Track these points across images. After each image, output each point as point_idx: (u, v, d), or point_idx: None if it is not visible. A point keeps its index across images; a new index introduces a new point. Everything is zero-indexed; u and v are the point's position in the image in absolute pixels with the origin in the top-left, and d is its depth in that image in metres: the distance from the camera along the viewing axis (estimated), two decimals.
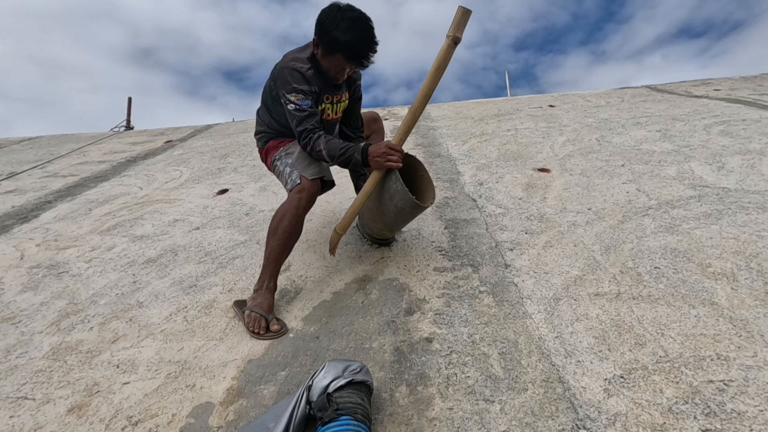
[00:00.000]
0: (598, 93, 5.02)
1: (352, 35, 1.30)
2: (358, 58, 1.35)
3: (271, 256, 1.44)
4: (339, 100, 1.58)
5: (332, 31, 1.31)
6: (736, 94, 4.00)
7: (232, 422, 1.04)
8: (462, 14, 1.21)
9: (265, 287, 1.43)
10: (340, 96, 1.57)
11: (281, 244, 1.44)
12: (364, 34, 1.32)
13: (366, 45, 1.33)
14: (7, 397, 1.17)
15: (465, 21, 1.23)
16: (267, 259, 1.45)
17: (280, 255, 1.45)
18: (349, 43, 1.31)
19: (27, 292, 1.74)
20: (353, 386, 0.98)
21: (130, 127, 6.44)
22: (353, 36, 1.30)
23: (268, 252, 1.45)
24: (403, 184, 1.40)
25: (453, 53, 1.27)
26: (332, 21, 1.31)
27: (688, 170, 2.24)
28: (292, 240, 1.47)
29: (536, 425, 0.94)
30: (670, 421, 0.92)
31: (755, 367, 1.02)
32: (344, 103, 1.62)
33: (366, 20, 1.33)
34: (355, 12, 1.32)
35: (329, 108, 1.57)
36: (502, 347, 1.18)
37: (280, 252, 1.45)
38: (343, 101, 1.60)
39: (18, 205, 2.92)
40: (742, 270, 1.38)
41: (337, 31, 1.30)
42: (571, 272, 1.48)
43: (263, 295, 1.41)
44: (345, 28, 1.29)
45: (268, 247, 1.45)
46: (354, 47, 1.32)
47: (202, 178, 3.13)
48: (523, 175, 2.46)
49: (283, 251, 1.45)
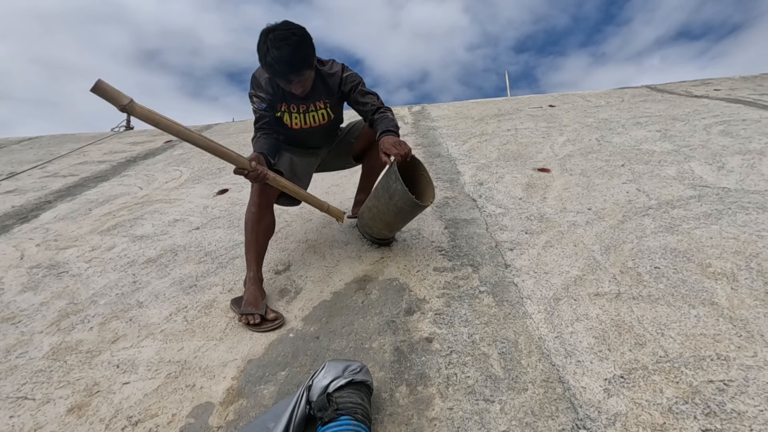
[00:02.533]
0: (598, 93, 5.02)
1: (271, 56, 1.34)
2: (283, 74, 1.39)
3: (245, 247, 1.57)
4: (308, 110, 1.61)
5: (260, 53, 1.38)
6: (736, 94, 4.00)
7: (232, 422, 1.04)
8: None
9: (247, 279, 1.52)
10: (308, 106, 1.60)
11: (247, 231, 1.56)
12: (282, 54, 1.33)
13: (284, 65, 1.35)
14: (7, 397, 1.17)
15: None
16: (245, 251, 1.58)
17: (249, 243, 1.55)
18: (270, 65, 1.37)
19: (27, 292, 1.74)
20: (353, 386, 0.98)
21: (130, 127, 6.44)
22: (272, 57, 1.34)
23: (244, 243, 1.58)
24: (402, 184, 1.41)
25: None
26: (260, 44, 1.37)
27: (688, 170, 2.24)
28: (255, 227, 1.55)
29: (536, 425, 0.94)
30: (670, 421, 0.92)
31: (755, 367, 1.02)
32: (324, 111, 1.63)
33: (286, 38, 1.33)
34: (278, 32, 1.34)
35: (299, 118, 1.61)
36: (502, 347, 1.18)
37: (249, 240, 1.55)
38: (320, 110, 1.62)
39: (18, 205, 2.92)
40: (742, 270, 1.38)
41: (262, 53, 1.37)
42: (571, 272, 1.48)
43: (249, 290, 1.48)
44: (265, 51, 1.35)
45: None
46: (273, 65, 1.36)
47: (202, 178, 3.13)
48: (523, 175, 2.46)
49: (251, 239, 1.55)
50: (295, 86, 1.46)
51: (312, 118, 1.63)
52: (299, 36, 1.36)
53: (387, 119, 1.56)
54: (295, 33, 1.35)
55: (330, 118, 1.67)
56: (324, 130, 1.71)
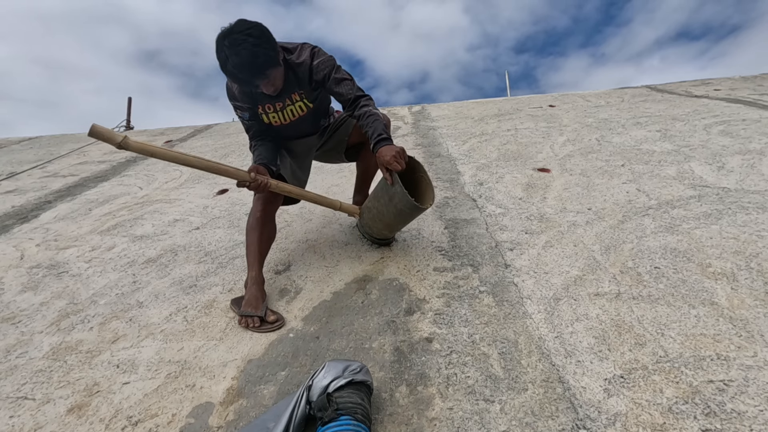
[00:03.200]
0: (598, 93, 5.02)
1: (231, 62, 1.25)
2: (245, 80, 1.31)
3: (246, 249, 1.58)
4: (286, 105, 1.54)
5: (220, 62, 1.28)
6: (736, 94, 4.00)
7: (232, 422, 1.04)
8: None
9: (248, 279, 1.52)
10: (284, 102, 1.52)
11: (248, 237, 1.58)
12: (242, 59, 1.24)
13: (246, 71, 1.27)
14: (7, 397, 1.17)
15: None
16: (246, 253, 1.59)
17: (250, 246, 1.56)
18: (233, 74, 1.28)
19: (27, 292, 1.74)
20: (353, 386, 0.98)
21: (130, 127, 6.44)
22: (233, 65, 1.25)
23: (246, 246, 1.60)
24: (402, 186, 1.41)
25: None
26: (218, 51, 1.28)
27: (688, 170, 2.24)
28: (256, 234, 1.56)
29: (536, 425, 0.94)
30: (670, 421, 0.92)
31: (755, 367, 1.02)
32: (300, 103, 1.55)
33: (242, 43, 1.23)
34: (233, 36, 1.24)
35: (276, 116, 1.55)
36: (502, 347, 1.18)
37: (251, 243, 1.56)
38: (296, 102, 1.54)
39: (18, 205, 2.92)
40: (742, 270, 1.38)
41: (222, 62, 1.28)
42: (571, 272, 1.48)
43: (250, 291, 1.47)
44: (224, 59, 1.26)
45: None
46: (233, 72, 1.28)
47: (202, 178, 3.13)
48: (523, 175, 2.46)
49: (252, 243, 1.55)
50: (266, 87, 1.38)
51: (290, 112, 1.56)
52: (256, 36, 1.25)
53: (375, 119, 1.47)
54: (252, 34, 1.25)
55: (309, 109, 1.58)
56: (308, 120, 1.64)
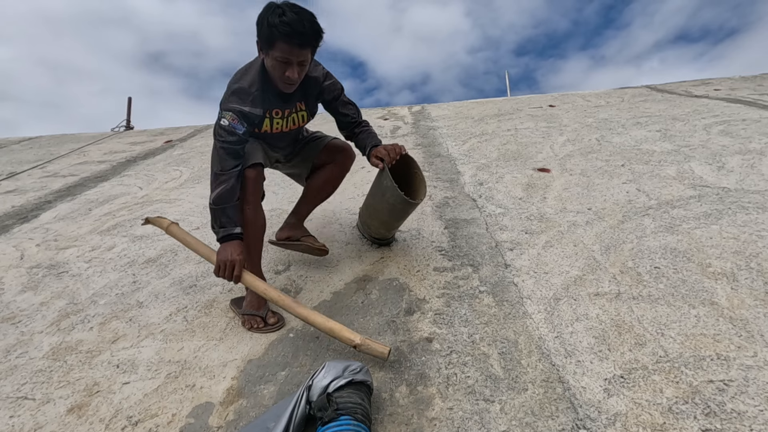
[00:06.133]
0: (598, 93, 5.01)
1: (288, 17, 1.22)
2: (297, 35, 1.23)
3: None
4: (291, 113, 1.50)
5: (267, 18, 1.25)
6: (736, 94, 4.00)
7: (232, 422, 1.04)
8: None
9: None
10: (292, 108, 1.49)
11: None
12: (302, 16, 1.23)
13: (304, 22, 1.23)
14: (7, 397, 1.17)
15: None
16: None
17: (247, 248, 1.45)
18: (286, 23, 1.22)
19: (27, 292, 1.74)
20: (353, 386, 0.98)
21: (130, 127, 6.43)
22: (289, 17, 1.22)
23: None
24: (392, 181, 1.42)
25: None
26: (267, 11, 1.25)
27: (688, 170, 2.24)
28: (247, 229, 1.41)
29: (536, 425, 0.94)
30: (670, 421, 0.92)
31: (755, 367, 1.02)
32: (303, 113, 1.54)
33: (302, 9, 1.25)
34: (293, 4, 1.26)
35: (280, 122, 1.49)
36: (502, 347, 1.18)
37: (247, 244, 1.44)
38: (299, 111, 1.52)
39: (18, 205, 2.92)
40: (742, 270, 1.38)
41: (272, 17, 1.23)
42: (571, 272, 1.48)
43: (250, 291, 1.45)
44: (280, 12, 1.23)
45: None
46: (290, 23, 1.22)
47: (202, 178, 3.13)
48: (523, 175, 2.46)
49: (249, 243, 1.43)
50: (294, 68, 1.30)
51: (292, 120, 1.53)
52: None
53: (372, 135, 1.57)
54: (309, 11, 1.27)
55: (305, 120, 1.58)
56: (299, 131, 1.63)
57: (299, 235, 1.66)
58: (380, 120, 4.57)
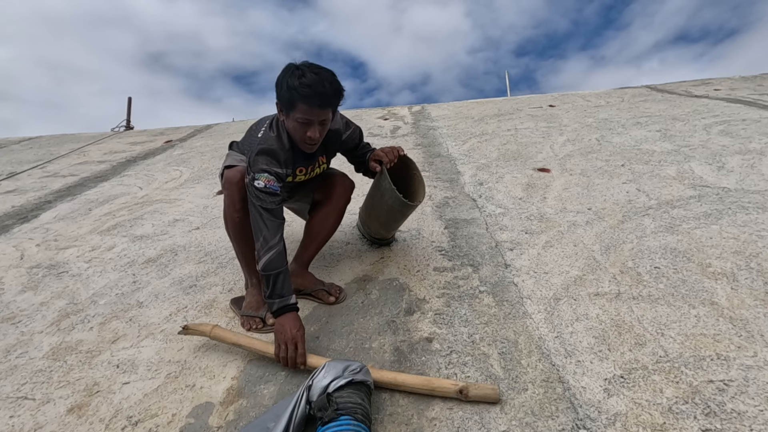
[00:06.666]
0: (598, 93, 5.01)
1: (308, 78, 1.22)
2: (318, 96, 1.24)
3: (237, 255, 1.52)
4: (314, 169, 1.51)
5: (287, 81, 1.25)
6: (736, 94, 4.00)
7: (232, 422, 1.04)
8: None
9: (249, 284, 1.50)
10: (314, 164, 1.50)
11: (236, 241, 1.47)
12: (322, 76, 1.24)
13: (324, 82, 1.24)
14: (7, 397, 1.17)
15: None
16: (238, 259, 1.53)
17: (241, 253, 1.47)
18: (306, 84, 1.22)
19: (27, 292, 1.74)
20: (353, 386, 0.98)
21: (130, 127, 6.43)
22: (309, 78, 1.22)
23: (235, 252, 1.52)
24: (391, 183, 1.42)
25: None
26: (285, 74, 1.26)
27: (688, 170, 2.24)
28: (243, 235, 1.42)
29: (536, 425, 0.94)
30: (670, 421, 0.92)
31: (755, 367, 1.02)
32: (323, 166, 1.56)
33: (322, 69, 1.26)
34: (312, 65, 1.27)
35: (303, 177, 1.50)
36: (502, 347, 1.18)
37: (240, 249, 1.47)
38: (321, 165, 1.54)
39: (18, 205, 2.92)
40: (742, 270, 1.38)
41: (292, 79, 1.23)
42: (571, 272, 1.48)
43: (250, 293, 1.47)
44: (300, 74, 1.24)
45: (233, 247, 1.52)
46: (311, 85, 1.22)
47: (202, 177, 3.13)
48: (523, 175, 2.46)
49: (242, 248, 1.45)
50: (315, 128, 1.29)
51: (313, 173, 1.54)
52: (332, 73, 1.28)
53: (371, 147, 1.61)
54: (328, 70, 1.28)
55: (324, 170, 1.59)
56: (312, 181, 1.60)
57: (310, 287, 1.53)
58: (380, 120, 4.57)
